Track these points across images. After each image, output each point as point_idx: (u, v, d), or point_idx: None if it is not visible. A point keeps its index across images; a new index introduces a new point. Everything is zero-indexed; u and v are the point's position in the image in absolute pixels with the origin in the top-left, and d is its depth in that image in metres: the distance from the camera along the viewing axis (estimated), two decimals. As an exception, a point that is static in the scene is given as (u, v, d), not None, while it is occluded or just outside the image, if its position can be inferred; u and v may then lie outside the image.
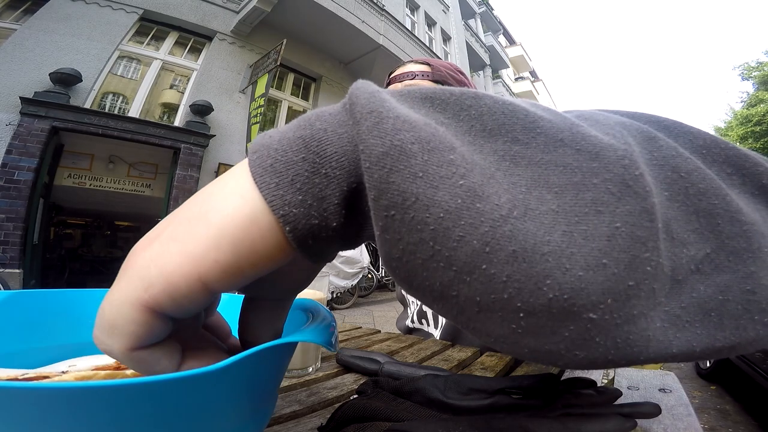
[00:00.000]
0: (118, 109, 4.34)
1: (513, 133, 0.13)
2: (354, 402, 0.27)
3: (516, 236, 0.11)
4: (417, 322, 0.67)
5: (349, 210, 0.14)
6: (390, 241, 0.12)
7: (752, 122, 12.93)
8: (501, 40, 15.09)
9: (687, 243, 0.13)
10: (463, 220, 0.11)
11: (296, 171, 0.13)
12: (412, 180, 0.12)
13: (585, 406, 0.24)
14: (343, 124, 0.14)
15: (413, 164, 0.12)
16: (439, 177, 0.12)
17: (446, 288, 0.12)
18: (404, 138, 0.12)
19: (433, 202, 0.12)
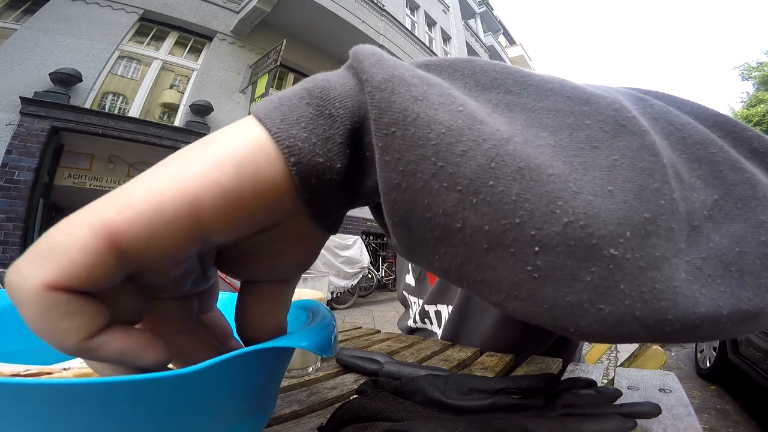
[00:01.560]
0: (118, 109, 4.34)
1: (505, 85, 0.14)
2: (354, 402, 0.27)
3: (520, 154, 0.11)
4: (420, 322, 0.67)
5: (352, 151, 0.14)
6: (390, 162, 0.12)
7: (752, 122, 12.94)
8: (501, 40, 15.09)
9: (695, 188, 0.12)
10: (465, 136, 0.11)
11: (300, 113, 0.13)
12: (412, 101, 0.12)
13: (585, 406, 0.24)
14: (344, 75, 0.15)
15: (413, 90, 0.12)
16: (439, 103, 0.12)
17: (450, 218, 0.12)
18: (404, 72, 0.13)
19: (434, 119, 0.11)
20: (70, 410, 0.11)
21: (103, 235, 0.11)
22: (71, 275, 0.11)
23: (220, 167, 0.12)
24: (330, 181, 0.14)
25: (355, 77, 0.15)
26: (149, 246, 0.11)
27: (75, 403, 0.11)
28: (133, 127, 3.98)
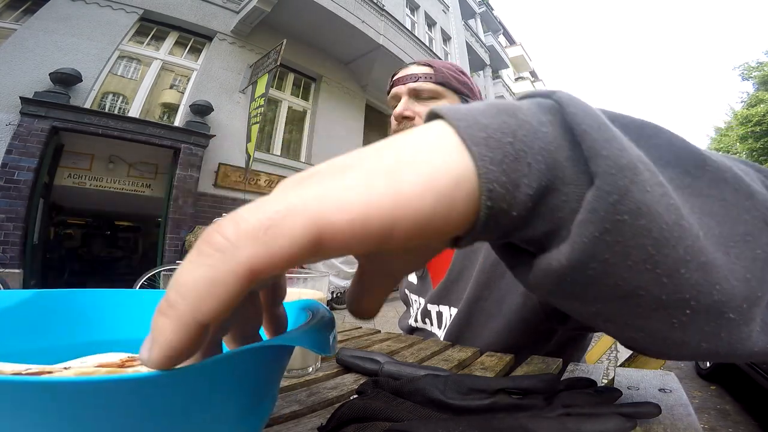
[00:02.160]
0: (118, 109, 4.34)
1: (686, 166, 0.16)
2: (354, 402, 0.27)
3: (704, 250, 0.14)
4: (420, 322, 0.67)
5: (533, 204, 0.14)
6: (608, 242, 0.13)
7: (752, 122, 12.93)
8: (501, 40, 15.08)
9: None
10: (676, 233, 0.14)
11: (505, 152, 0.13)
12: (643, 193, 0.13)
13: (585, 406, 0.24)
14: (549, 125, 0.15)
15: (644, 180, 0.13)
16: (659, 194, 0.14)
17: (636, 288, 0.14)
18: (633, 155, 0.14)
19: (658, 215, 0.13)
20: (72, 407, 0.11)
21: (314, 233, 0.11)
22: (273, 265, 0.11)
23: (421, 196, 0.12)
24: (503, 225, 0.14)
25: (563, 133, 0.15)
26: (335, 250, 0.12)
27: (76, 400, 0.11)
28: (133, 127, 3.98)
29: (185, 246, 3.97)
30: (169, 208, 4.17)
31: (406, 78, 0.65)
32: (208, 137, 4.43)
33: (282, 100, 5.80)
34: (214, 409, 0.14)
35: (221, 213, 4.08)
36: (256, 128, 4.36)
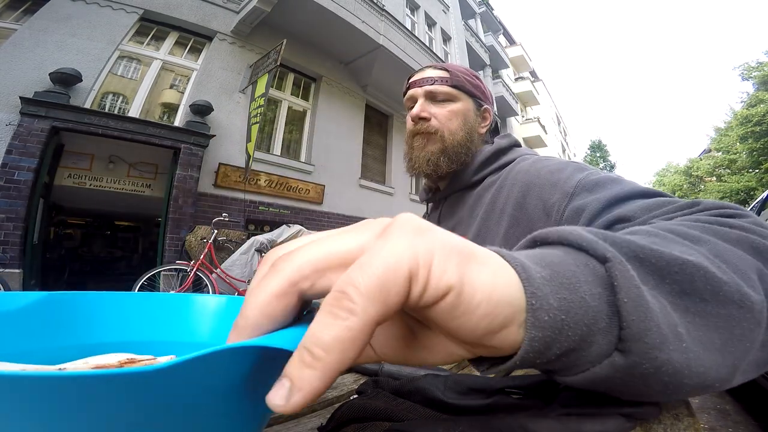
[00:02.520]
0: (118, 109, 4.34)
1: (702, 294, 0.19)
2: (354, 402, 0.27)
3: (704, 365, 0.18)
4: None
5: (555, 358, 0.17)
6: (632, 380, 0.18)
7: (752, 122, 12.92)
8: (501, 40, 15.08)
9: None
10: (686, 366, 0.18)
11: (553, 329, 0.16)
12: (668, 353, 0.17)
13: (585, 406, 0.24)
14: (596, 297, 0.17)
15: (668, 344, 0.17)
16: (678, 349, 0.17)
17: (646, 394, 0.19)
18: (663, 331, 0.17)
19: (676, 362, 0.17)
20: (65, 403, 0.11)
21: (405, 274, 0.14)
22: (390, 314, 0.14)
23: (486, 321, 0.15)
24: (524, 365, 0.17)
25: (608, 310, 0.17)
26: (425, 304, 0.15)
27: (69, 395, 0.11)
28: (133, 127, 3.98)
29: (185, 246, 3.97)
30: (169, 208, 4.17)
31: (423, 81, 0.67)
32: (208, 137, 4.43)
33: (282, 100, 5.80)
34: (214, 407, 0.15)
35: (221, 213, 4.08)
36: (256, 128, 4.36)
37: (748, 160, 13.97)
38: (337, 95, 6.41)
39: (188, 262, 3.44)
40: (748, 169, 14.43)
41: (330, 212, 5.94)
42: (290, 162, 5.51)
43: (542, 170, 0.53)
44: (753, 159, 13.66)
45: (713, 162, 17.04)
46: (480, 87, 0.69)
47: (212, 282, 3.39)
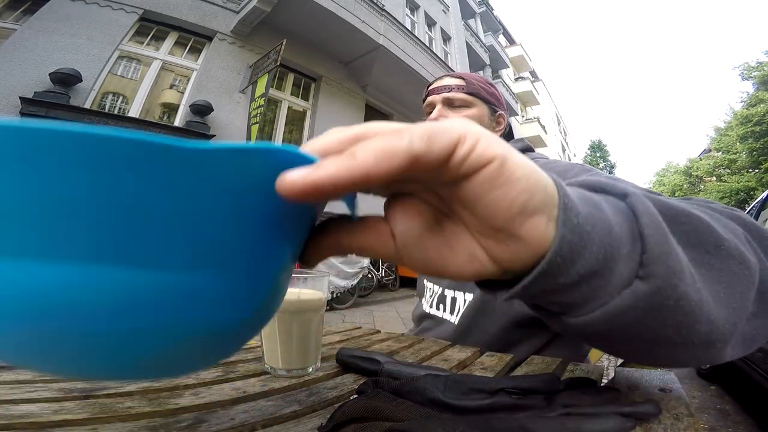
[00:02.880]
0: (118, 109, 4.34)
1: (707, 247, 0.21)
2: (354, 402, 0.27)
3: (712, 312, 0.19)
4: (434, 308, 0.70)
5: (578, 280, 0.17)
6: (650, 316, 0.18)
7: (752, 122, 12.92)
8: (501, 40, 15.08)
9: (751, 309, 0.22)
10: (699, 305, 0.19)
11: (580, 237, 0.17)
12: (685, 286, 0.18)
13: (585, 406, 0.24)
14: (619, 224, 0.18)
15: (686, 277, 0.18)
16: (693, 284, 0.19)
17: (661, 337, 0.19)
18: (683, 262, 0.19)
19: (691, 297, 0.18)
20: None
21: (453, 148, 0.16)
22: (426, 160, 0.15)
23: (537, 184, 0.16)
24: (546, 285, 0.18)
25: (630, 236, 0.18)
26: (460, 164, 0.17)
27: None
28: (133, 127, 3.97)
29: (185, 246, 3.97)
30: (169, 208, 4.17)
31: (441, 88, 0.72)
32: (208, 137, 4.43)
33: (282, 100, 5.80)
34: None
35: (221, 213, 4.08)
36: (256, 128, 4.36)
37: (748, 160, 13.98)
38: (337, 95, 6.41)
39: (188, 262, 3.44)
40: (748, 169, 14.43)
41: (330, 212, 5.92)
42: (290, 162, 5.51)
43: (552, 171, 0.56)
44: (753, 159, 13.66)
45: (713, 162, 17.04)
46: (495, 94, 0.74)
47: (212, 282, 3.39)
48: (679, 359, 0.22)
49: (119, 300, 0.12)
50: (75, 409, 0.30)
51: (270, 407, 0.32)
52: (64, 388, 0.34)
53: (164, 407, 0.31)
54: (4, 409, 0.29)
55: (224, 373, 0.41)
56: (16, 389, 0.33)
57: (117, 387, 0.35)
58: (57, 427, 0.27)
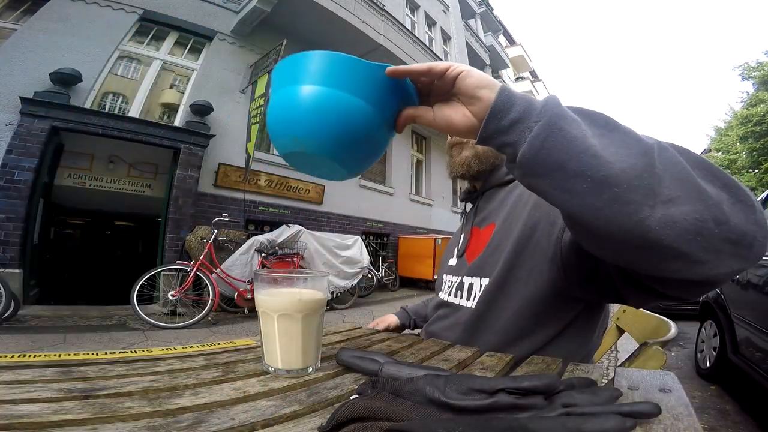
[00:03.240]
0: (118, 109, 4.34)
1: (607, 126, 0.34)
2: (354, 402, 0.27)
3: (597, 151, 0.31)
4: (452, 296, 0.72)
5: (512, 123, 0.36)
6: (550, 142, 0.32)
7: (752, 122, 12.91)
8: (501, 40, 15.07)
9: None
10: (583, 141, 0.32)
11: (510, 96, 0.37)
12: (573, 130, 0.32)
13: (585, 406, 0.24)
14: (538, 100, 0.36)
15: (573, 126, 0.33)
16: (581, 134, 0.32)
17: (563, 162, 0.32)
18: (567, 113, 0.34)
19: (583, 141, 0.32)
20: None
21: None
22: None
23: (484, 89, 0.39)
24: (495, 125, 0.36)
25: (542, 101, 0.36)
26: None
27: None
28: (133, 127, 3.98)
29: (185, 246, 3.97)
30: (169, 208, 4.17)
31: None
32: (208, 137, 4.43)
33: (282, 100, 5.80)
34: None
35: (221, 213, 4.08)
36: (256, 128, 4.36)
37: (748, 160, 13.97)
38: (337, 95, 6.41)
39: (188, 262, 3.44)
40: (748, 169, 14.43)
41: (330, 212, 5.94)
42: (290, 162, 5.51)
43: None
44: (753, 159, 13.65)
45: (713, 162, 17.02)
46: None
47: (212, 282, 3.39)
48: (589, 201, 0.31)
49: (351, 106, 0.38)
50: (75, 409, 0.30)
51: (270, 407, 0.32)
52: (64, 388, 0.34)
53: (164, 407, 0.31)
54: (4, 409, 0.29)
55: (224, 373, 0.41)
56: (16, 389, 0.33)
57: (117, 387, 0.35)
58: (57, 427, 0.27)
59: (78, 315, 3.46)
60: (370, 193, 6.79)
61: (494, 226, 0.69)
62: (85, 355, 2.18)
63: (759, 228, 0.30)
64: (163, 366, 0.43)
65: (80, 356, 2.20)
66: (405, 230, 7.39)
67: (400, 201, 7.47)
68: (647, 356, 0.55)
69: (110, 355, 2.17)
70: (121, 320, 3.38)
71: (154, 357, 0.46)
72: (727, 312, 2.32)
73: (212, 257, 3.66)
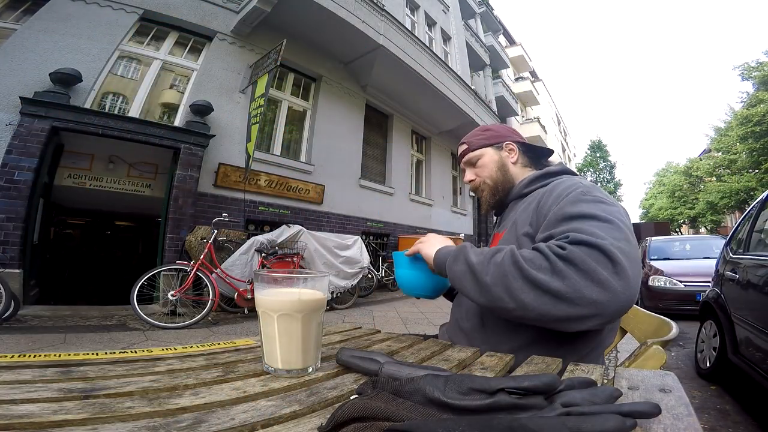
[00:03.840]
0: (118, 109, 4.34)
1: (489, 255, 0.60)
2: (354, 402, 0.27)
3: (485, 278, 0.60)
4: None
5: (445, 267, 0.69)
6: (456, 276, 0.65)
7: (752, 122, 12.91)
8: (501, 40, 15.07)
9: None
10: (481, 276, 0.61)
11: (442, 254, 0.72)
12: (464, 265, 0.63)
13: (585, 405, 0.24)
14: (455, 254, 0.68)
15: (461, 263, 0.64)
16: (466, 266, 0.63)
17: (462, 288, 0.63)
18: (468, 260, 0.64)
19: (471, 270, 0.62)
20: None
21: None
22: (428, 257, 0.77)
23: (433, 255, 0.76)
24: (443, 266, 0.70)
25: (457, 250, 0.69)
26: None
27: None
28: (133, 127, 3.98)
29: (185, 246, 3.97)
30: (169, 208, 4.17)
31: (459, 157, 0.97)
32: (208, 137, 4.43)
33: (282, 100, 5.80)
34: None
35: (221, 213, 4.08)
36: (256, 128, 4.36)
37: (748, 160, 13.97)
38: (337, 95, 6.41)
39: (188, 262, 3.44)
40: (748, 169, 14.43)
41: (330, 212, 5.94)
42: (290, 162, 5.51)
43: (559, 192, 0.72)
44: (753, 159, 13.65)
45: (713, 162, 17.04)
46: (492, 135, 0.92)
47: (212, 282, 3.39)
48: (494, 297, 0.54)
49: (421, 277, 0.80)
50: (75, 409, 0.30)
51: (270, 407, 0.32)
52: (64, 388, 0.34)
53: (164, 407, 0.31)
54: (4, 409, 0.29)
55: (224, 373, 0.41)
56: (16, 389, 0.33)
57: (117, 387, 0.35)
58: (57, 427, 0.27)
59: (78, 315, 3.46)
60: (370, 193, 6.79)
61: (505, 231, 0.80)
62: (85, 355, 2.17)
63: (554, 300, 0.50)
64: (163, 366, 0.43)
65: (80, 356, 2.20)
66: (405, 230, 7.39)
67: (400, 201, 7.47)
68: (647, 356, 0.55)
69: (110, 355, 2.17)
70: (121, 320, 3.38)
71: (154, 357, 0.46)
72: (727, 312, 2.32)
73: (212, 257, 3.66)
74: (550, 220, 0.63)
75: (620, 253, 0.50)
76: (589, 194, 0.64)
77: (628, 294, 0.48)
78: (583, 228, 0.55)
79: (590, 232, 0.53)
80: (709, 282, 2.96)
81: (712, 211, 18.22)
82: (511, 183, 0.89)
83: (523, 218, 0.74)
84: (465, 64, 9.81)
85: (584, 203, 0.61)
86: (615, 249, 0.50)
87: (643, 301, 4.83)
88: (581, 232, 0.54)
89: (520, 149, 0.90)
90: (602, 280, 0.48)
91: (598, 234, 0.52)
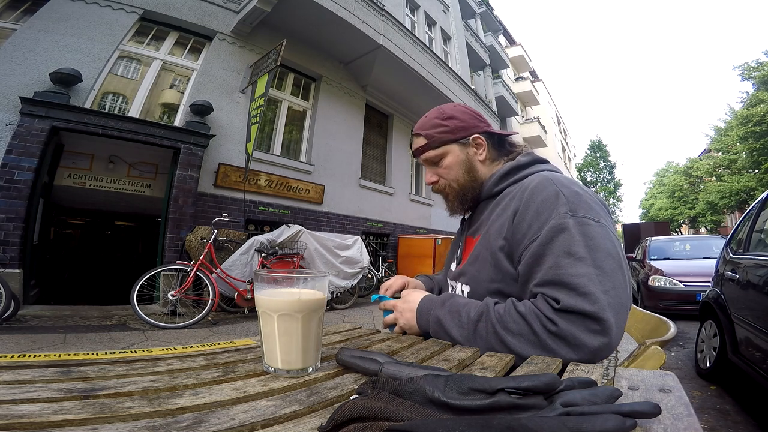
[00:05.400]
0: (118, 109, 4.34)
1: (461, 314, 0.64)
2: (354, 402, 0.27)
3: (454, 332, 0.66)
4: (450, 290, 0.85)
5: (428, 326, 0.69)
6: (434, 328, 0.67)
7: (752, 122, 12.91)
8: (501, 40, 15.07)
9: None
10: (451, 330, 0.65)
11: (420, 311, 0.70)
12: (440, 321, 0.67)
13: (585, 405, 0.24)
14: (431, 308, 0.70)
15: (435, 319, 0.68)
16: (439, 321, 0.67)
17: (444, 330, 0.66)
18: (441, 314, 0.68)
19: (445, 325, 0.66)
20: None
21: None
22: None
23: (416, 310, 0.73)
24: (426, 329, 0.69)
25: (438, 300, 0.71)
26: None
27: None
28: (133, 127, 3.98)
29: (185, 246, 3.97)
30: (169, 208, 4.16)
31: (415, 152, 0.81)
32: (208, 137, 4.43)
33: (282, 100, 5.80)
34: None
35: (221, 213, 4.08)
36: (255, 128, 4.36)
37: (748, 160, 13.97)
38: (337, 95, 6.41)
39: (188, 262, 3.44)
40: (748, 169, 14.43)
41: (330, 212, 5.94)
42: (290, 162, 5.51)
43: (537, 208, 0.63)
44: (753, 159, 13.65)
45: (713, 162, 17.04)
46: (456, 127, 0.76)
47: (212, 282, 3.39)
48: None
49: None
50: (75, 409, 0.30)
51: (270, 407, 0.32)
52: (64, 388, 0.34)
53: (164, 407, 0.31)
54: (4, 409, 0.29)
55: (224, 373, 0.41)
56: (16, 389, 0.33)
57: (117, 387, 0.35)
58: (57, 427, 0.27)
59: (78, 315, 3.46)
60: (370, 193, 6.79)
61: (479, 238, 0.73)
62: (85, 355, 2.17)
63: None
64: (163, 366, 0.43)
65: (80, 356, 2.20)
66: (405, 230, 7.39)
67: (400, 201, 7.47)
68: (647, 356, 0.55)
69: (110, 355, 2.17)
70: (121, 320, 3.38)
71: (154, 357, 0.46)
72: (727, 312, 2.32)
73: (212, 257, 3.66)
74: (532, 251, 0.59)
75: (609, 310, 0.51)
76: (573, 214, 0.58)
77: (613, 342, 0.51)
78: (571, 276, 0.53)
79: (580, 286, 0.52)
80: (709, 282, 2.96)
81: (712, 211, 18.23)
82: (479, 183, 0.78)
83: (497, 227, 0.68)
84: (465, 64, 9.81)
85: (568, 233, 0.56)
86: (605, 307, 0.51)
87: (642, 301, 4.83)
88: (569, 283, 0.53)
89: (488, 142, 0.78)
90: (591, 348, 0.50)
91: (589, 291, 0.51)
